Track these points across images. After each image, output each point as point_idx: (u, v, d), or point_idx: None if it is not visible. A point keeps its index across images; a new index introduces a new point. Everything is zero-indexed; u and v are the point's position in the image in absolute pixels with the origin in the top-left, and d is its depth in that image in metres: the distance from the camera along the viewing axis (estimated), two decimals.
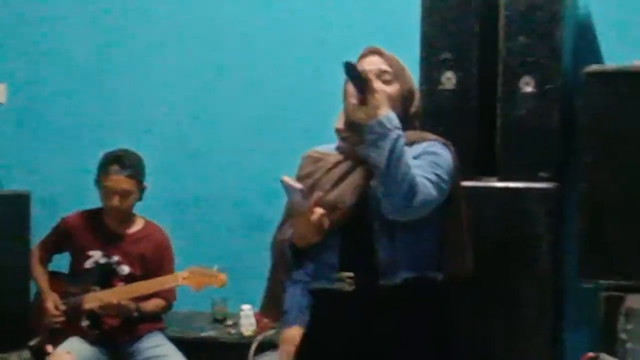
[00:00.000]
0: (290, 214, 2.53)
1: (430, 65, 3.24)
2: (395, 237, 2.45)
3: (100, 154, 4.06)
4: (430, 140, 2.56)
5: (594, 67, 3.19)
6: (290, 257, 2.55)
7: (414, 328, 2.48)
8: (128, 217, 4.07)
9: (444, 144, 2.56)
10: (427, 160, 2.46)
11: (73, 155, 4.78)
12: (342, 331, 2.51)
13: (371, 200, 2.45)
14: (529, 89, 3.12)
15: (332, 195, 2.46)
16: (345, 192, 2.47)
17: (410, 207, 2.35)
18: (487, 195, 3.12)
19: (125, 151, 4.04)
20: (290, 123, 4.71)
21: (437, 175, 2.44)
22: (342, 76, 2.54)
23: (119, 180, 3.94)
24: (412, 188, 2.33)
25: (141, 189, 4.03)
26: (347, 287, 2.48)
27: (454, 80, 3.22)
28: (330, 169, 2.55)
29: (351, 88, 2.46)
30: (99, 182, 4.01)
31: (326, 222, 2.42)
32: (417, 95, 2.64)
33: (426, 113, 2.99)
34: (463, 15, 3.20)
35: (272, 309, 2.71)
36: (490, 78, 3.21)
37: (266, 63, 4.74)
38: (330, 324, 2.55)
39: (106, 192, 3.97)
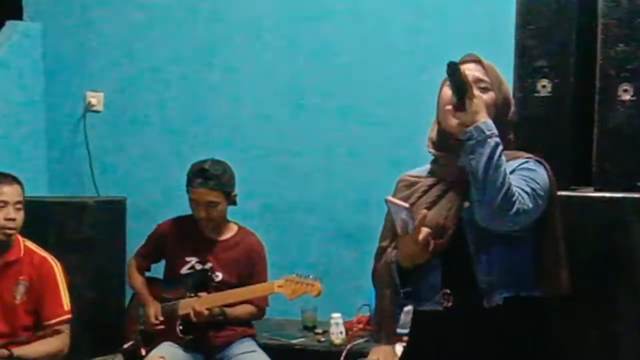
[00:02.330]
0: (396, 233, 2.50)
1: (525, 73, 3.18)
2: (492, 258, 2.42)
3: (193, 161, 4.11)
4: (523, 157, 2.52)
5: None
6: (397, 278, 2.52)
7: (517, 348, 2.45)
8: (220, 224, 4.11)
9: (538, 161, 2.52)
10: (521, 175, 2.43)
11: (167, 162, 4.88)
12: (443, 352, 2.50)
13: (466, 221, 2.43)
14: (627, 96, 3.04)
15: (427, 218, 2.44)
16: (440, 215, 2.45)
17: (505, 216, 2.31)
18: (583, 206, 3.04)
19: (211, 162, 4.02)
20: (383, 132, 4.71)
21: (532, 188, 2.40)
22: (435, 83, 2.52)
23: (203, 192, 3.96)
24: (509, 196, 2.30)
25: (229, 198, 4.04)
26: (446, 303, 2.47)
27: (549, 88, 3.17)
28: (424, 192, 2.53)
29: (446, 95, 2.43)
30: (187, 192, 4.05)
31: (432, 242, 2.40)
32: (512, 105, 2.59)
33: (521, 121, 2.94)
34: (559, 22, 3.14)
35: (386, 334, 2.67)
36: (586, 85, 3.14)
37: (357, 71, 4.76)
38: (431, 345, 2.53)
39: (193, 204, 4.01)
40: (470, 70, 2.47)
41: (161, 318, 4.01)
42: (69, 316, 3.71)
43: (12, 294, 3.62)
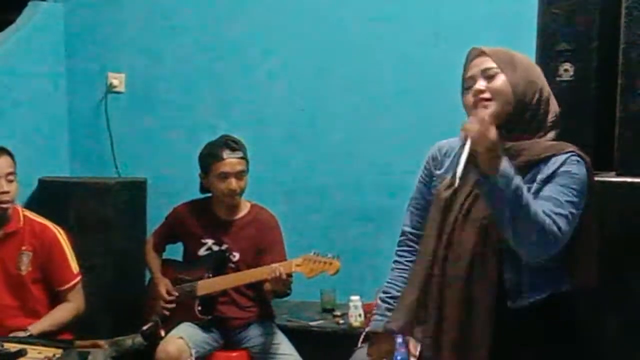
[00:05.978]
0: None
1: (547, 57, 3.15)
2: (520, 261, 2.37)
3: None
4: (564, 152, 2.44)
5: None
6: None
7: (548, 344, 2.44)
8: (238, 202, 4.10)
9: (580, 161, 2.43)
10: (560, 185, 2.36)
11: (188, 143, 4.87)
12: None
13: (491, 230, 2.37)
14: None
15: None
16: (470, 230, 2.41)
17: (544, 251, 2.30)
18: (605, 191, 3.02)
19: (228, 135, 4.09)
20: (402, 113, 4.69)
21: (570, 202, 2.34)
22: (458, 67, 2.50)
23: (235, 162, 3.99)
24: (543, 234, 2.26)
25: (248, 169, 4.07)
26: None
27: (571, 72, 3.14)
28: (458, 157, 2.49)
29: (468, 102, 2.42)
30: (209, 172, 4.04)
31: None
32: (536, 82, 2.51)
33: None
34: (582, 5, 3.11)
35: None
36: (609, 69, 3.11)
37: (379, 54, 4.74)
38: None
39: (223, 178, 3.99)
40: (477, 66, 2.44)
41: (175, 293, 4.05)
42: (79, 278, 3.75)
43: (17, 265, 3.64)
